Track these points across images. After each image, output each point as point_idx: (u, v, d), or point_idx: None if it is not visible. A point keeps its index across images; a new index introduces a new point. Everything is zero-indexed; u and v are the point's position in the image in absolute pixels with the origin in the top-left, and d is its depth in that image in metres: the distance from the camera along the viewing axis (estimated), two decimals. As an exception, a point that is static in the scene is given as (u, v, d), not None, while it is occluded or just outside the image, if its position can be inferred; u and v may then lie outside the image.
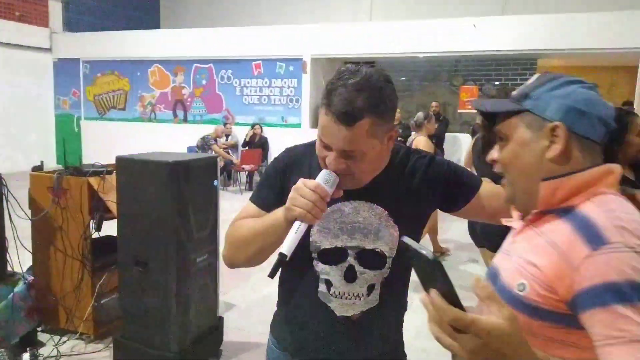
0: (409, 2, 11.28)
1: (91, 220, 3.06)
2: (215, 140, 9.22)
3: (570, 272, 0.77)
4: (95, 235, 3.14)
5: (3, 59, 10.20)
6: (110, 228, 3.24)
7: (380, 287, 1.21)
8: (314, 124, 9.90)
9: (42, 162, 3.79)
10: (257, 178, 9.54)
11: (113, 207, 2.91)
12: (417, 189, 1.18)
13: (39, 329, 3.17)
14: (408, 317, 1.36)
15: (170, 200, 2.57)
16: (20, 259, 3.02)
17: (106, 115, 11.37)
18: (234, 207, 3.11)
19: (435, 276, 0.66)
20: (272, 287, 1.26)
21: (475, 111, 6.81)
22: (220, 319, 3.11)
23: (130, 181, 2.71)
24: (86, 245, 3.04)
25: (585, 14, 8.08)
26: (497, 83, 10.06)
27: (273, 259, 1.08)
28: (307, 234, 1.18)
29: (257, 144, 9.58)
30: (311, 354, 1.26)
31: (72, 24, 11.78)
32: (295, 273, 1.26)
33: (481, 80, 10.11)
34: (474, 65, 10.13)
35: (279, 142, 9.74)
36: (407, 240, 0.71)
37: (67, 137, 11.18)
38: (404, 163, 1.19)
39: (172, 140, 9.76)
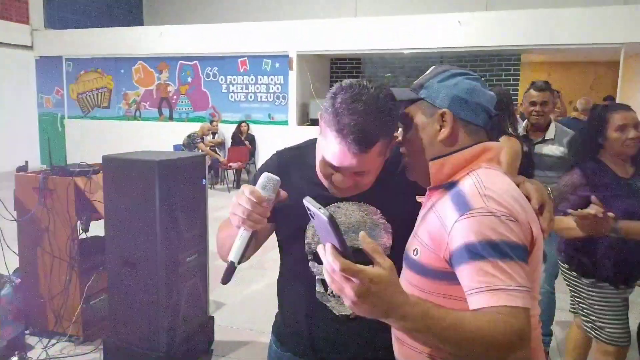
0: (394, -2, 11.31)
1: (78, 221, 3.03)
2: (202, 139, 9.17)
3: (446, 236, 0.92)
4: (82, 235, 3.11)
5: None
6: (97, 228, 3.22)
7: None
8: (301, 120, 9.89)
9: (26, 162, 3.73)
10: (244, 176, 9.52)
11: (100, 207, 2.89)
12: (408, 187, 1.17)
13: (27, 331, 3.13)
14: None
15: (158, 200, 2.56)
16: (7, 261, 2.99)
17: (90, 114, 11.23)
18: (222, 204, 3.11)
19: (330, 232, 0.76)
20: (260, 285, 1.26)
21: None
22: (211, 318, 3.11)
23: (117, 181, 2.69)
24: (73, 246, 3.01)
25: (568, 9, 8.19)
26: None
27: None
28: (301, 235, 1.22)
29: (244, 141, 9.55)
30: (314, 355, 1.27)
31: (53, 21, 11.60)
32: (292, 275, 1.29)
33: (466, 75, 10.16)
34: (459, 61, 10.20)
35: (266, 139, 9.73)
36: (307, 201, 0.81)
37: (51, 137, 11.01)
38: (394, 161, 1.18)
39: (158, 138, 9.67)
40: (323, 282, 1.21)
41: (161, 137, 9.65)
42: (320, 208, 0.77)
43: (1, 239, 2.87)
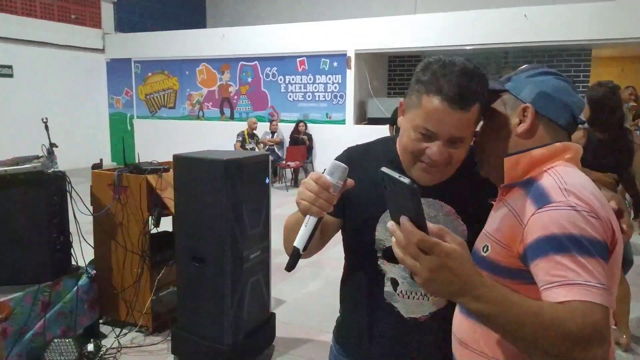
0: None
1: (150, 217, 3.17)
2: (251, 136, 9.27)
3: (521, 229, 0.89)
4: (153, 230, 3.24)
5: (59, 60, 10.68)
6: (167, 224, 3.35)
7: None
8: (359, 119, 9.85)
9: (101, 160, 3.94)
10: (302, 175, 9.60)
11: (170, 203, 3.01)
12: (480, 186, 1.14)
13: (101, 321, 3.31)
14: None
15: (225, 198, 2.63)
16: (83, 253, 3.17)
17: (157, 114, 11.74)
18: (280, 203, 3.16)
19: (408, 202, 0.74)
20: (319, 282, 1.25)
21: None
22: (272, 314, 3.16)
23: (186, 179, 2.78)
24: (145, 240, 3.15)
25: (632, 0, 7.65)
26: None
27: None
28: (370, 231, 1.19)
29: (302, 140, 9.64)
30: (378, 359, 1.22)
31: (123, 25, 12.21)
32: (359, 272, 1.24)
33: (532, 72, 9.75)
34: (525, 56, 9.78)
35: (323, 139, 9.78)
36: (385, 170, 0.79)
37: (121, 136, 11.61)
38: (468, 162, 1.13)
39: (220, 137, 9.96)
40: (392, 281, 1.19)
41: (223, 136, 9.92)
42: (400, 176, 0.75)
43: (79, 232, 3.05)
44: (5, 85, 9.66)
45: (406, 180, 0.73)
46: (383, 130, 8.90)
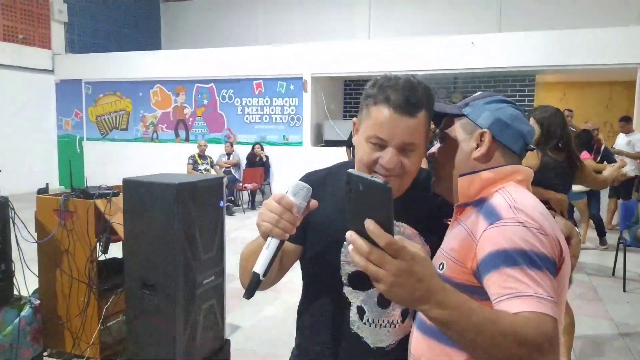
0: (407, 20, 11.43)
1: (97, 243, 3.07)
2: (200, 157, 9.16)
3: (474, 246, 0.92)
4: (101, 257, 3.14)
5: (6, 81, 10.28)
6: (116, 250, 3.25)
7: (415, 312, 1.15)
8: (315, 141, 9.95)
9: (47, 184, 3.80)
10: (259, 197, 9.55)
11: (119, 229, 2.92)
12: (440, 207, 1.16)
13: (45, 353, 3.15)
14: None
15: (177, 222, 2.58)
16: (27, 282, 3.02)
17: (108, 136, 11.43)
18: (237, 226, 3.16)
19: (378, 205, 0.73)
20: (274, 308, 1.24)
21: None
22: (227, 341, 3.09)
23: (136, 203, 2.72)
24: (92, 267, 3.04)
25: (582, 30, 8.19)
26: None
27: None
28: (334, 256, 1.15)
29: (259, 162, 9.62)
30: None
31: (74, 46, 11.92)
32: (321, 301, 1.19)
33: (480, 96, 10.18)
34: (473, 81, 10.22)
35: (280, 160, 9.80)
36: (353, 171, 0.78)
37: (70, 158, 11.21)
38: (425, 182, 1.17)
39: (175, 159, 9.79)
40: (359, 309, 1.15)
41: (178, 159, 9.76)
42: (372, 177, 0.74)
43: (22, 260, 2.91)
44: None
45: (380, 180, 0.72)
46: (340, 152, 9.03)
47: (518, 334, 0.77)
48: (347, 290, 1.15)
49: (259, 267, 0.99)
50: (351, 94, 11.07)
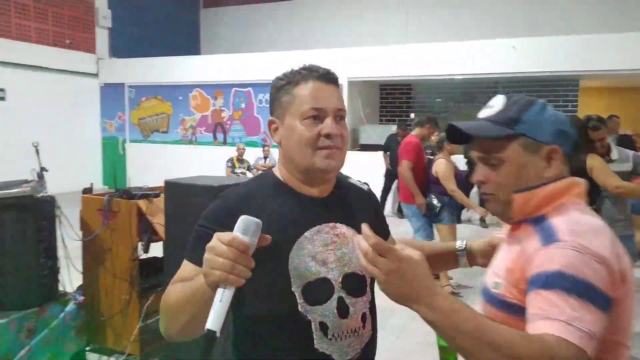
0: (445, 23, 11.29)
1: (139, 242, 3.13)
2: (238, 161, 9.26)
3: (527, 265, 0.90)
4: (143, 256, 3.21)
5: (53, 84, 10.70)
6: (157, 250, 3.31)
7: (370, 315, 1.13)
8: (351, 145, 9.92)
9: (91, 184, 3.92)
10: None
11: (160, 229, 2.98)
12: (378, 213, 1.24)
13: (88, 348, 3.24)
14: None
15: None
16: (71, 279, 3.12)
17: (150, 138, 11.72)
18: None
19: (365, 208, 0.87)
20: None
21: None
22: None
23: (177, 204, 2.76)
24: (134, 266, 3.11)
25: (628, 33, 7.89)
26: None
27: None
28: (283, 275, 1.03)
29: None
30: None
31: (117, 51, 12.30)
32: (277, 328, 1.05)
33: (521, 101, 9.93)
34: (514, 86, 9.98)
35: (315, 164, 9.79)
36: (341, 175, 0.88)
37: (113, 159, 11.59)
38: (351, 185, 1.22)
39: (213, 162, 9.95)
40: (322, 325, 1.04)
41: (215, 161, 9.91)
42: (362, 184, 0.92)
43: (67, 257, 3.00)
44: (-2, 108, 9.66)
45: (364, 186, 0.83)
46: (376, 156, 8.97)
47: (513, 350, 0.76)
48: (304, 308, 1.04)
49: (214, 324, 0.84)
50: (387, 98, 10.99)
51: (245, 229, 0.86)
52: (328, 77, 1.08)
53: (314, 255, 1.05)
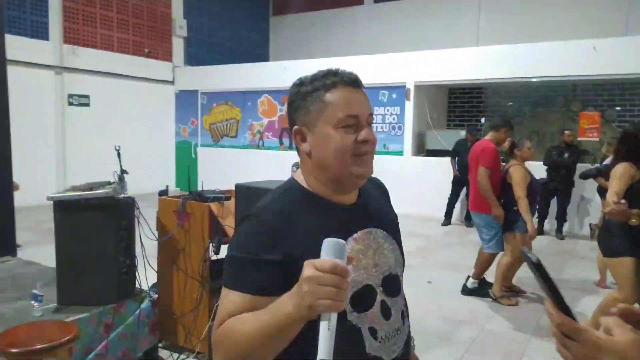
0: (519, 25, 10.81)
1: (210, 244, 3.20)
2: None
3: None
4: (214, 257, 3.28)
5: (132, 91, 11.34)
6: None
7: (406, 311, 1.18)
8: (417, 150, 9.72)
9: (167, 186, 4.07)
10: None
11: (231, 232, 3.03)
12: (388, 204, 1.28)
13: (160, 344, 3.35)
14: None
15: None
16: (147, 277, 3.24)
17: (219, 143, 12.12)
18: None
19: (540, 282, 0.68)
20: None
21: (596, 139, 6.15)
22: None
23: (247, 207, 2.79)
24: (205, 267, 3.18)
25: None
26: (618, 108, 9.20)
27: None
28: None
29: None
30: None
31: (192, 59, 12.84)
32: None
33: (603, 105, 9.30)
34: (594, 89, 9.37)
35: (380, 170, 9.65)
36: (524, 249, 0.74)
37: (186, 163, 12.08)
38: (380, 186, 1.31)
39: (278, 166, 10.11)
40: (371, 330, 1.06)
41: (281, 165, 10.06)
42: (529, 252, 0.70)
43: (144, 256, 3.12)
44: (83, 113, 10.36)
45: (531, 256, 0.69)
46: (442, 162, 8.73)
47: None
48: (353, 317, 1.04)
49: (327, 353, 0.82)
50: (456, 102, 10.67)
51: (339, 252, 0.85)
52: (357, 82, 1.07)
53: (355, 264, 1.06)
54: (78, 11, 10.28)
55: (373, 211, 1.16)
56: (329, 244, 0.85)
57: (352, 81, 1.05)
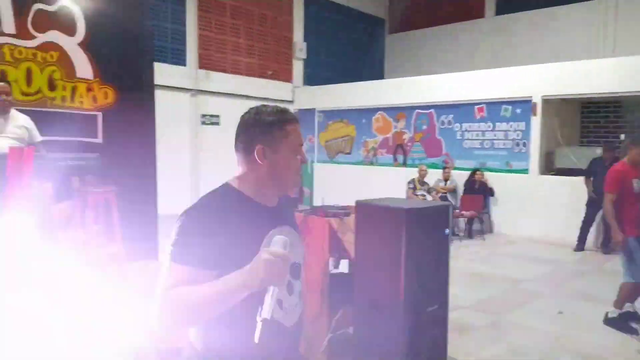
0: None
1: (330, 258, 3.31)
2: (419, 183, 9.19)
3: None
4: (332, 271, 3.37)
5: (258, 111, 12.11)
6: (345, 267, 3.45)
7: (302, 293, 1.56)
8: (544, 169, 9.09)
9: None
10: (476, 226, 9.13)
11: (350, 248, 3.10)
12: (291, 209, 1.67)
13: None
14: None
15: (405, 247, 2.62)
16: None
17: (335, 159, 12.43)
18: (452, 254, 3.09)
19: None
20: (500, 348, 1.11)
21: None
22: (447, 373, 2.99)
23: (367, 224, 2.85)
24: (325, 280, 3.28)
25: None
26: None
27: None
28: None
29: (478, 189, 9.22)
30: None
31: (310, 79, 13.40)
32: (248, 308, 1.28)
33: None
34: None
35: (502, 189, 9.21)
36: None
37: (304, 179, 12.56)
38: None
39: (391, 182, 10.09)
40: (278, 301, 1.36)
41: (393, 182, 10.03)
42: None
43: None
44: (214, 132, 11.31)
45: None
46: (575, 182, 8.03)
47: None
48: (269, 289, 1.27)
49: (268, 313, 1.20)
50: (589, 117, 9.78)
51: (284, 245, 1.24)
52: (298, 119, 1.51)
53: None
54: (211, 39, 11.31)
55: (286, 213, 1.56)
56: (279, 239, 1.26)
57: (296, 119, 1.50)
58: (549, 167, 9.15)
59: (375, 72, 14.84)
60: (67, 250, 3.24)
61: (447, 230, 2.95)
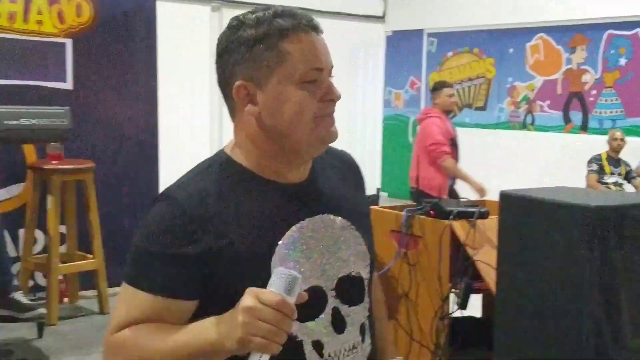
0: None
1: (451, 291, 3.30)
2: (610, 162, 8.94)
3: None
4: (456, 313, 3.37)
5: (333, 34, 12.05)
6: (475, 305, 3.44)
7: (369, 325, 1.49)
8: None
9: (378, 189, 4.31)
10: None
11: (488, 272, 3.08)
12: (356, 184, 1.65)
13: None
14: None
15: (590, 272, 2.56)
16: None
17: (455, 119, 12.19)
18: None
19: None
20: None
21: None
22: None
23: (520, 233, 2.82)
24: (442, 328, 3.29)
25: None
26: None
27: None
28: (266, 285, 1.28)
29: None
30: None
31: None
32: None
33: None
34: None
35: None
36: None
37: (398, 151, 12.42)
38: (325, 157, 1.53)
39: (560, 161, 9.86)
40: (314, 344, 1.36)
41: (565, 159, 9.80)
42: None
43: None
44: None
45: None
46: None
47: None
48: (294, 326, 1.25)
49: None
50: None
51: (289, 287, 1.15)
52: (318, 26, 1.37)
53: (298, 260, 1.35)
54: None
55: (328, 193, 1.49)
56: (281, 274, 1.17)
57: (312, 25, 1.36)
58: None
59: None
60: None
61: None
